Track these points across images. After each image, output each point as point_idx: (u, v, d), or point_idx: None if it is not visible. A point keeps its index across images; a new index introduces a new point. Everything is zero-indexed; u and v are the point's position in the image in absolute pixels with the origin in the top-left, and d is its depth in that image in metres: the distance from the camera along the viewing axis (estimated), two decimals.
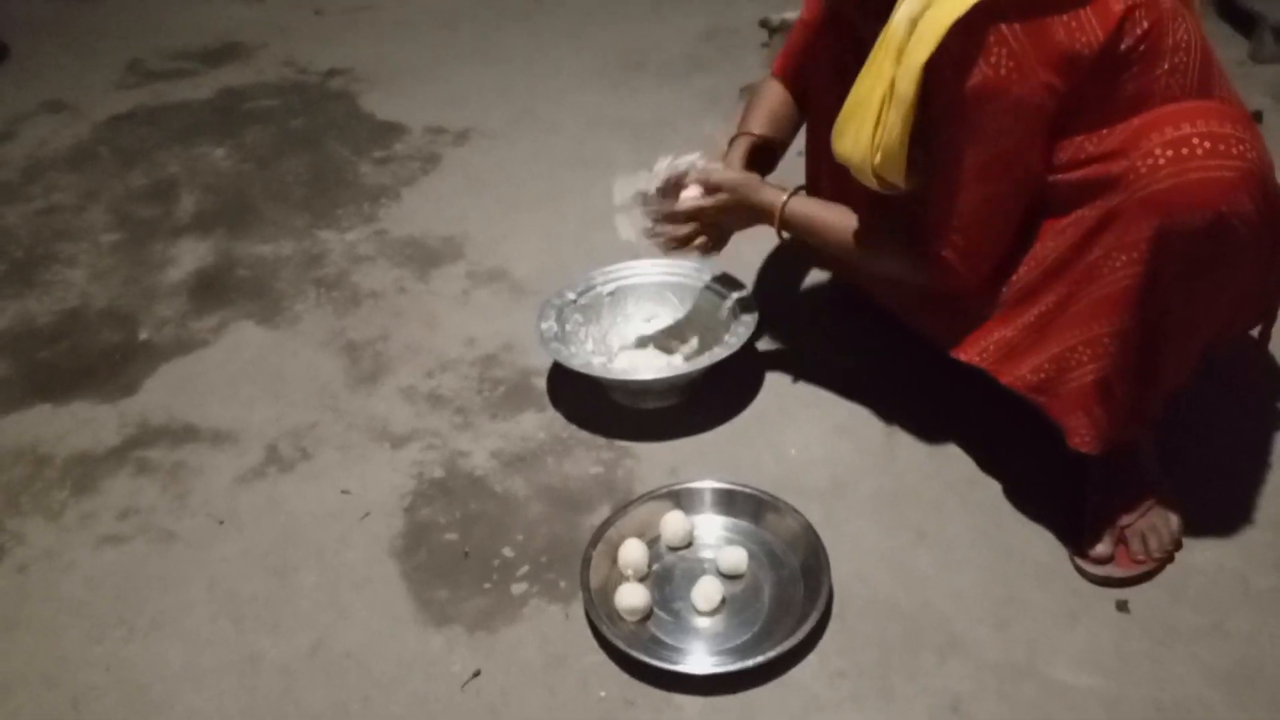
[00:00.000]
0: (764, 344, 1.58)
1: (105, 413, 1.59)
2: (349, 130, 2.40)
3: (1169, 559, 1.17)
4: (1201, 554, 1.19)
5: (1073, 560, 1.17)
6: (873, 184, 1.13)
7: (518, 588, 1.23)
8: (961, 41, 0.99)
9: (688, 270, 1.56)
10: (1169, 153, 0.96)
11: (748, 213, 1.34)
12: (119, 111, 2.59)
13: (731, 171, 1.34)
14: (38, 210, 2.17)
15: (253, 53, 2.88)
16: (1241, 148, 0.95)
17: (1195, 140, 0.95)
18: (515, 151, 2.24)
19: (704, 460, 1.38)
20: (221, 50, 2.91)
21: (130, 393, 1.62)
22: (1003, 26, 0.98)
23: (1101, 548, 1.15)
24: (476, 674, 1.13)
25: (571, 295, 1.54)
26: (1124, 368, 1.06)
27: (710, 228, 1.36)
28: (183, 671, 1.17)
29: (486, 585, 1.24)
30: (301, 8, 3.17)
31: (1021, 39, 0.98)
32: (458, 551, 1.29)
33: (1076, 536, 1.20)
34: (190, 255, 1.97)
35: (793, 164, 1.50)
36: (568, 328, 1.51)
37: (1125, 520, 1.16)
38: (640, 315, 1.57)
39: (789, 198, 1.30)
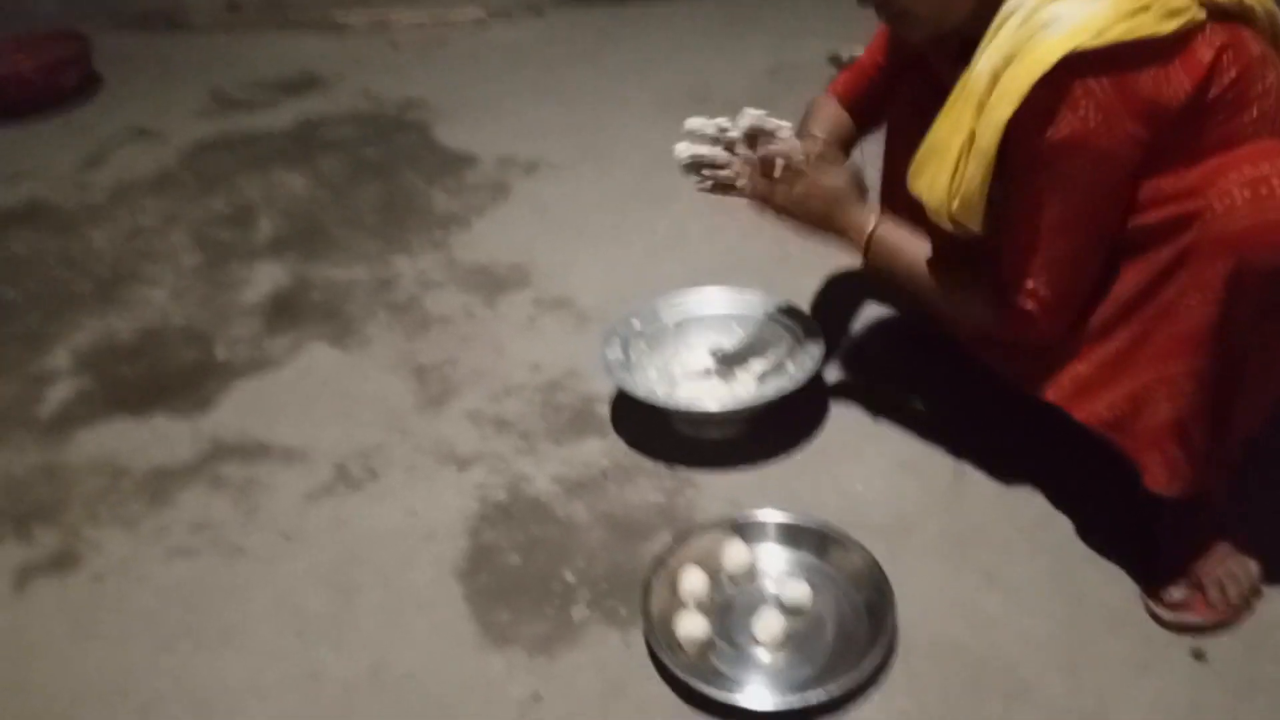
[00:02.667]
0: (828, 376, 1.56)
1: (181, 428, 1.63)
2: (421, 160, 2.45)
3: (1247, 607, 1.13)
4: None
5: (1146, 605, 1.14)
6: (947, 226, 1.12)
7: (578, 613, 1.23)
8: (1046, 96, 0.98)
9: (753, 302, 1.56)
10: (1246, 192, 0.95)
11: (827, 218, 1.25)
12: (201, 138, 2.67)
13: (832, 173, 1.24)
14: (124, 232, 2.25)
15: (330, 84, 2.96)
16: None
17: (1275, 180, 0.94)
18: (581, 183, 2.27)
19: (765, 492, 1.38)
20: (300, 81, 2.99)
21: (206, 409, 1.67)
22: (1090, 81, 0.97)
23: (1177, 592, 1.12)
24: (536, 698, 1.13)
25: (637, 324, 1.55)
26: (1200, 409, 1.04)
27: (772, 198, 1.26)
28: (246, 685, 1.19)
29: (548, 610, 1.24)
30: (379, 42, 3.25)
31: (1109, 92, 0.97)
32: (520, 574, 1.29)
33: (1151, 581, 1.16)
34: (265, 278, 2.02)
35: None
36: (632, 356, 1.52)
37: (1201, 566, 1.13)
38: (705, 345, 1.57)
39: (879, 223, 1.24)
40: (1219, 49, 0.97)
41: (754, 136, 1.26)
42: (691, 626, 1.15)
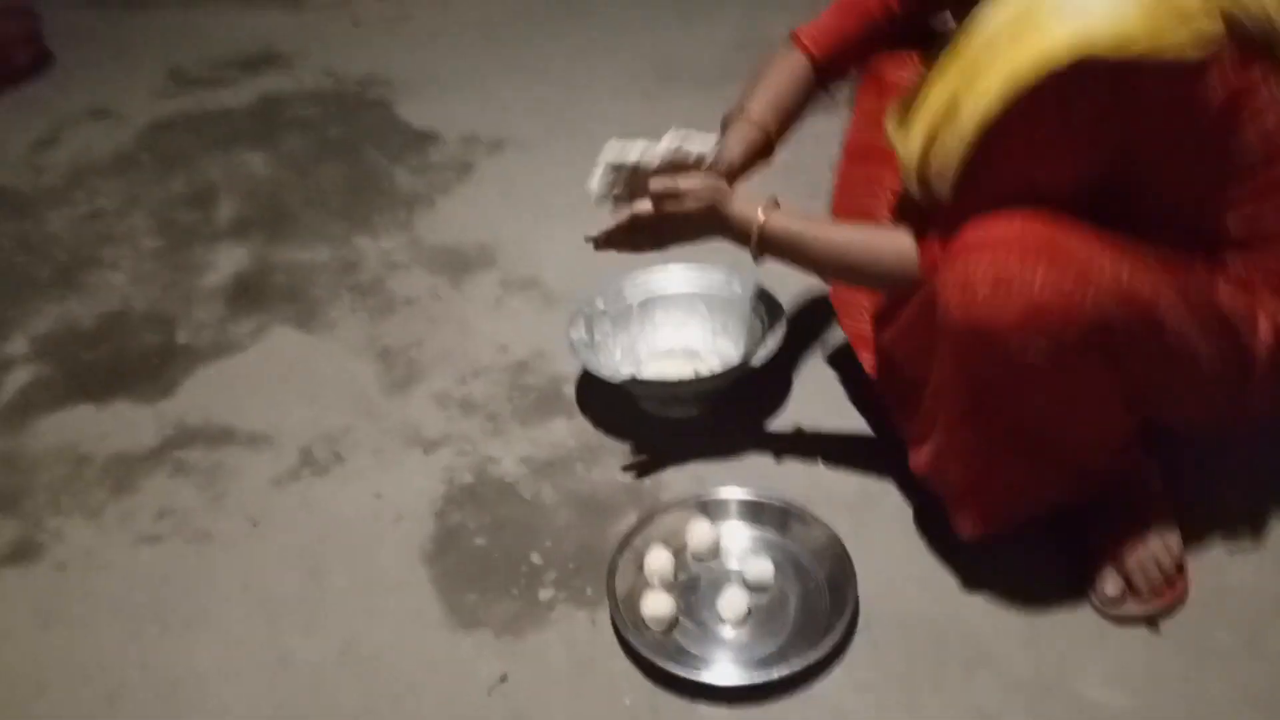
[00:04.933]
0: (793, 355, 1.57)
1: (144, 414, 1.61)
2: (385, 138, 2.42)
3: (1172, 588, 1.14)
4: (1236, 573, 1.18)
5: (1091, 602, 1.16)
6: (913, 187, 1.07)
7: (545, 593, 1.24)
8: (1042, 98, 0.89)
9: (718, 281, 1.57)
10: (956, 293, 0.97)
11: (717, 226, 1.18)
12: (160, 118, 2.63)
13: (696, 179, 1.17)
14: (82, 215, 2.22)
15: (292, 61, 2.92)
16: (1027, 289, 0.93)
17: (979, 278, 0.95)
18: (549, 161, 2.26)
19: (731, 470, 1.39)
20: (261, 59, 2.95)
21: (169, 395, 1.65)
22: (1099, 95, 0.89)
23: (1110, 588, 1.14)
24: (504, 678, 1.14)
25: (601, 304, 1.55)
26: (991, 465, 1.08)
27: (656, 230, 1.21)
28: (215, 669, 1.19)
29: (514, 590, 1.25)
30: (340, 18, 3.20)
31: (1116, 112, 0.91)
32: (486, 556, 1.30)
33: (1088, 572, 1.18)
34: (228, 260, 2.00)
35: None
36: (597, 336, 1.52)
37: (1124, 555, 1.15)
38: (670, 324, 1.58)
39: (770, 212, 1.14)
40: (1236, 76, 0.90)
41: (672, 168, 1.19)
42: (657, 605, 1.16)
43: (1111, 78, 0.87)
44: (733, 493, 1.30)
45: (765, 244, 1.15)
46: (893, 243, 1.10)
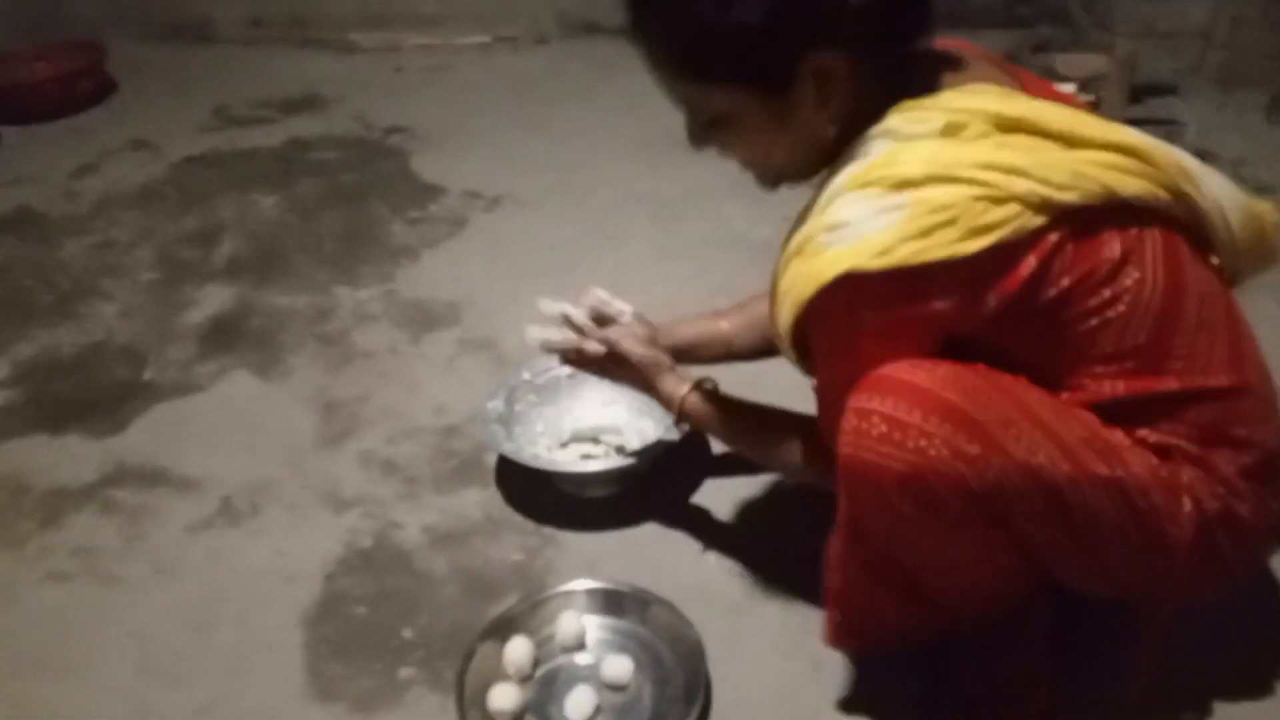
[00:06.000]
0: (716, 442, 1.54)
1: (91, 449, 1.67)
2: (393, 188, 2.48)
3: None
4: None
5: None
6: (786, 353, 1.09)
7: (406, 672, 1.23)
8: (823, 307, 0.93)
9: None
10: (854, 421, 0.92)
11: (646, 388, 1.29)
12: (193, 154, 2.74)
13: (640, 349, 1.27)
14: (94, 244, 2.32)
15: (329, 105, 3.02)
16: (924, 443, 0.89)
17: (876, 419, 0.91)
18: (540, 220, 2.28)
19: (625, 556, 1.36)
20: (302, 101, 3.05)
21: (119, 430, 1.71)
22: (867, 299, 0.91)
23: None
24: None
25: (527, 375, 1.55)
26: (859, 586, 1.04)
27: (618, 375, 1.32)
28: (79, 717, 1.22)
29: (378, 666, 1.25)
30: (386, 65, 3.30)
31: (885, 317, 0.92)
32: (363, 627, 1.30)
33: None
34: (214, 300, 2.07)
35: None
36: (517, 408, 1.52)
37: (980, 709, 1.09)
38: (598, 400, 1.57)
39: (690, 392, 1.24)
40: (1045, 256, 0.88)
41: (599, 318, 1.33)
42: (503, 700, 1.14)
43: (883, 284, 0.88)
44: (608, 584, 1.27)
45: (684, 419, 1.26)
46: (790, 435, 1.14)
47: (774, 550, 1.35)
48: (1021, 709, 1.08)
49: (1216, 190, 0.96)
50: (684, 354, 1.33)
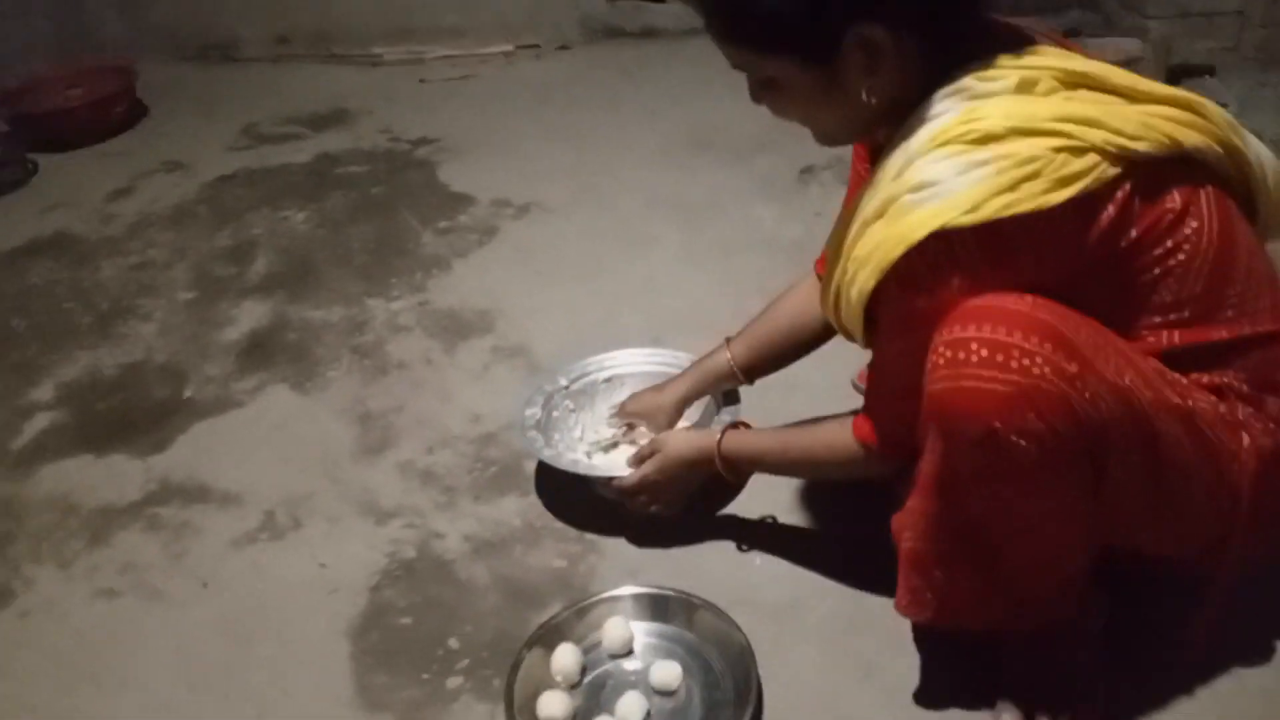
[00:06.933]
0: None
1: (135, 467, 1.69)
2: (422, 200, 2.49)
3: None
4: None
5: None
6: (839, 328, 1.09)
7: (453, 681, 1.23)
8: (913, 265, 0.92)
9: (682, 360, 1.54)
10: (947, 354, 0.90)
11: (689, 468, 1.31)
12: (225, 173, 2.77)
13: (651, 435, 1.37)
14: (132, 265, 2.35)
15: (356, 119, 3.04)
16: (1026, 361, 0.87)
17: (974, 345, 0.88)
18: (569, 227, 2.28)
19: (669, 563, 1.35)
20: (329, 116, 3.07)
21: (162, 449, 1.72)
22: (960, 257, 0.91)
23: None
24: None
25: (564, 381, 1.54)
26: (937, 548, 1.00)
27: (664, 492, 1.35)
28: None
29: (425, 676, 1.24)
30: (410, 77, 3.32)
31: (980, 271, 0.92)
32: (408, 637, 1.30)
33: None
34: (249, 316, 2.08)
35: None
36: (555, 414, 1.51)
37: (1029, 707, 1.07)
38: None
39: (722, 437, 1.27)
40: (1121, 206, 0.90)
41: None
42: (553, 707, 1.13)
43: (974, 240, 0.89)
44: (654, 589, 1.26)
45: (729, 466, 1.28)
46: (828, 438, 1.15)
47: (819, 554, 1.33)
48: (1076, 714, 1.06)
49: (1258, 149, 1.01)
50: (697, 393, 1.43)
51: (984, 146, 0.89)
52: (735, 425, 1.32)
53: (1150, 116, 0.91)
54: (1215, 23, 2.59)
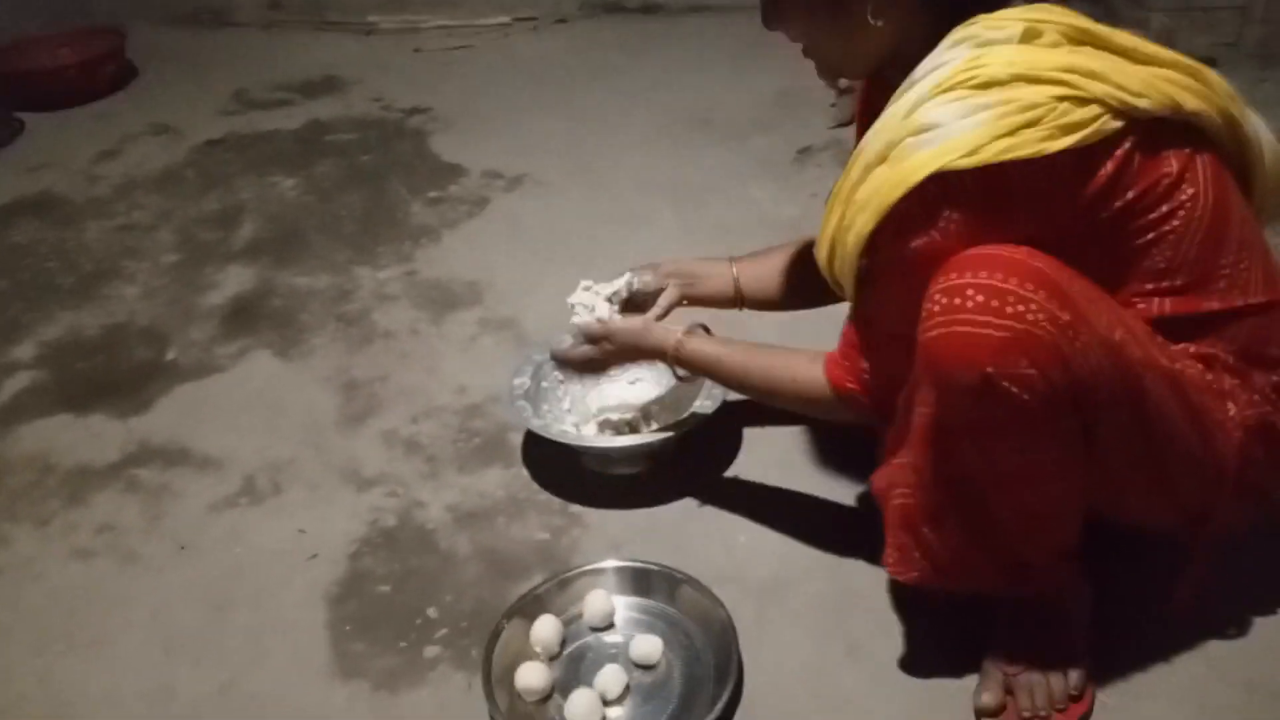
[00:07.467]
0: (746, 419, 1.52)
1: (115, 428, 1.66)
2: (412, 169, 2.46)
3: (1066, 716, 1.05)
4: (1153, 706, 1.07)
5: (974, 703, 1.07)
6: (829, 280, 1.08)
7: (430, 650, 1.22)
8: (909, 209, 0.93)
9: None
10: (943, 300, 0.89)
11: (639, 355, 1.32)
12: (214, 137, 2.73)
13: (616, 320, 1.32)
14: (117, 227, 2.32)
15: (348, 87, 3.00)
16: (1021, 308, 0.86)
17: (970, 291, 0.87)
18: (562, 203, 2.25)
19: (652, 537, 1.34)
20: (320, 83, 3.04)
21: (143, 411, 1.70)
22: (957, 199, 0.92)
23: (987, 697, 1.05)
24: None
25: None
26: (928, 505, 1.00)
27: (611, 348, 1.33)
28: (103, 694, 1.21)
29: (402, 644, 1.23)
30: (405, 45, 3.29)
31: (976, 215, 0.92)
32: (386, 605, 1.29)
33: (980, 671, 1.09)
34: (234, 281, 2.06)
35: None
36: (544, 384, 1.50)
37: (1017, 669, 1.06)
38: (625, 378, 1.54)
39: (684, 335, 1.24)
40: (1120, 163, 0.90)
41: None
42: (531, 678, 1.12)
43: (972, 184, 0.90)
44: (637, 563, 1.25)
45: (681, 363, 1.26)
46: (796, 369, 1.14)
47: (805, 533, 1.32)
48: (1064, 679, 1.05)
49: (1257, 124, 1.01)
50: (690, 288, 1.39)
51: (986, 91, 0.89)
52: (695, 328, 1.28)
53: (1153, 76, 0.92)
54: (1216, 17, 2.58)
